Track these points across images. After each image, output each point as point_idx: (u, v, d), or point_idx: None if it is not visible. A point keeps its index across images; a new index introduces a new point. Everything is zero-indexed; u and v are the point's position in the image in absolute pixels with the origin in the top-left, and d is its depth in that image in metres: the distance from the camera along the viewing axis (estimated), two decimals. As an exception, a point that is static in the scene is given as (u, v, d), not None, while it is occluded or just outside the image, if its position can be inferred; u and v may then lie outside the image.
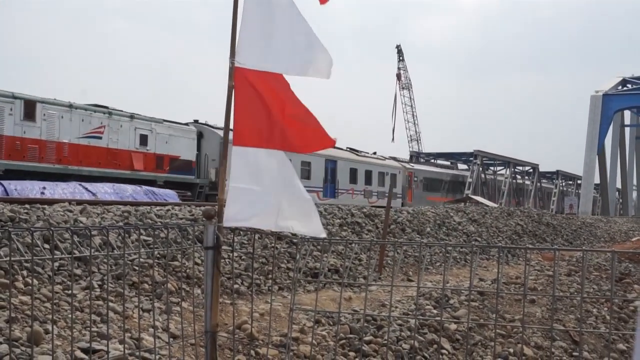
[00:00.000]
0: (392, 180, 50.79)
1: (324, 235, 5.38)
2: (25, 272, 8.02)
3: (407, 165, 56.85)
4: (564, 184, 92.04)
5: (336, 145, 7.91)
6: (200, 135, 34.58)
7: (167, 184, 30.80)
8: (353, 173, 46.05)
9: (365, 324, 8.37)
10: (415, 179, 56.90)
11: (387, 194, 52.17)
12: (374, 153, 52.65)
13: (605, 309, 10.56)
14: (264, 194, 5.17)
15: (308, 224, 5.29)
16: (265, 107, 5.18)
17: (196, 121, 35.30)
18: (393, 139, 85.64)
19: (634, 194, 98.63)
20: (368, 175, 48.14)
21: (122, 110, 30.13)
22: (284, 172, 5.25)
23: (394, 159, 55.81)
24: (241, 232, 11.76)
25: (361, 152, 49.63)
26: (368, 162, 48.83)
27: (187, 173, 33.14)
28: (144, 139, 30.80)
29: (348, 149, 47.83)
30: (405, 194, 53.67)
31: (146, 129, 30.98)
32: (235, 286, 10.31)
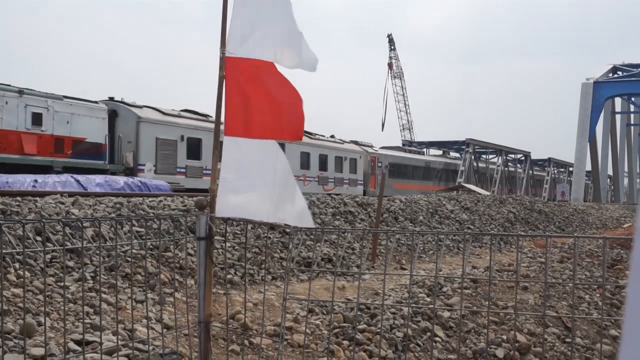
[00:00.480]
0: (351, 165, 48.86)
1: (312, 225, 5.38)
2: (17, 265, 8.01)
3: (370, 150, 53.85)
4: (555, 171, 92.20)
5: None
6: (113, 115, 30.79)
7: (68, 171, 26.41)
8: (305, 158, 43.53)
9: (359, 313, 8.38)
10: (380, 164, 53.85)
11: (346, 181, 49.55)
12: (332, 136, 49.83)
13: (598, 295, 10.59)
14: (256, 184, 5.17)
15: (298, 215, 5.30)
16: (256, 97, 5.17)
17: (111, 99, 31.86)
18: (383, 128, 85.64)
19: (625, 181, 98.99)
20: (322, 160, 45.55)
21: (8, 85, 26.27)
22: (276, 162, 5.24)
23: (356, 142, 52.85)
24: (234, 223, 11.75)
25: (315, 134, 46.80)
26: (323, 145, 46.14)
27: (95, 158, 29.20)
28: (37, 118, 26.81)
29: None
30: (367, 180, 51.20)
31: (40, 106, 27.05)
32: (229, 276, 10.31)
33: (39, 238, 8.87)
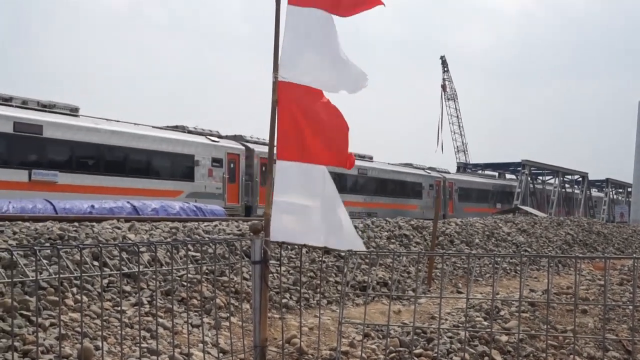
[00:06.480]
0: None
1: (363, 249, 5.37)
2: (74, 289, 8.10)
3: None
4: (614, 192, 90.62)
5: None
6: None
7: None
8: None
9: (415, 337, 8.30)
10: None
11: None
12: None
13: (660, 318, 10.35)
14: (308, 209, 5.17)
15: (348, 240, 5.29)
16: (306, 122, 5.18)
17: None
18: (442, 150, 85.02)
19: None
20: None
21: None
22: (327, 187, 5.24)
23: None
24: (289, 247, 11.76)
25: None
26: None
27: None
28: None
29: None
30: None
31: None
32: (284, 300, 10.31)
33: (96, 263, 8.97)
